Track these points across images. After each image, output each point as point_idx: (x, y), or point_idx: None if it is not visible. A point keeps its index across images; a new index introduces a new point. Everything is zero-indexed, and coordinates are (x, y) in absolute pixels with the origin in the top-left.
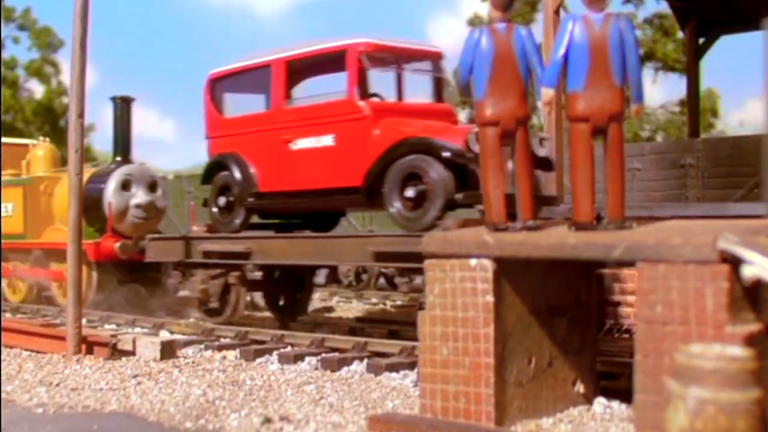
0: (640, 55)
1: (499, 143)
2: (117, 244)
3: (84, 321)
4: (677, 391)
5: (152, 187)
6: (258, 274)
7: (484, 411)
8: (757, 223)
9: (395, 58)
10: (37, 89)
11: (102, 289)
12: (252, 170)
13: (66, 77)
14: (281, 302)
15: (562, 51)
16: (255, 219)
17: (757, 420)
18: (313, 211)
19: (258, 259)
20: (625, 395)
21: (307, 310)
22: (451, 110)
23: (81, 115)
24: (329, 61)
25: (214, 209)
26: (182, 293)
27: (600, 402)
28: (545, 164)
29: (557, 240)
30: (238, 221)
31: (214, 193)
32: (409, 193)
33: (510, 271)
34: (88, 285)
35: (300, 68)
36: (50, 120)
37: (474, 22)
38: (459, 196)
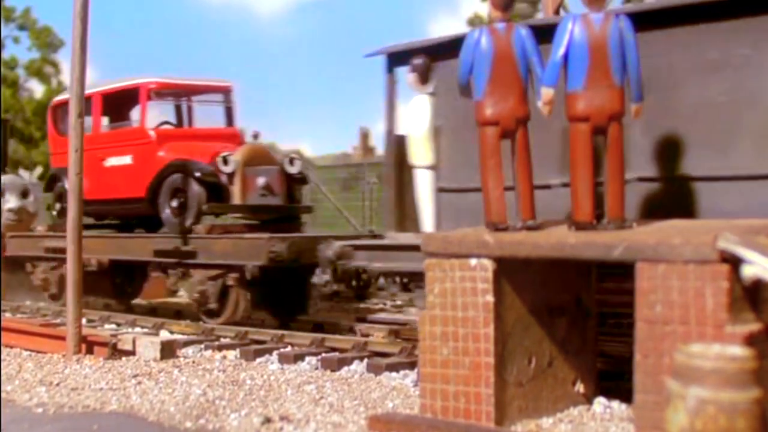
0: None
1: (498, 143)
2: None
3: (84, 321)
4: (677, 390)
5: (24, 194)
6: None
7: (484, 411)
8: (757, 223)
9: (184, 92)
10: (37, 89)
11: None
12: None
13: (66, 77)
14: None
15: (561, 50)
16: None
17: (757, 420)
18: (120, 216)
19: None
20: (625, 395)
21: (137, 295)
22: (237, 133)
23: (81, 115)
24: (129, 96)
25: (54, 213)
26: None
27: (600, 402)
28: (300, 180)
29: (557, 240)
30: None
31: (53, 200)
32: (174, 203)
33: (510, 271)
34: None
35: (111, 100)
36: None
37: (474, 22)
38: (205, 207)
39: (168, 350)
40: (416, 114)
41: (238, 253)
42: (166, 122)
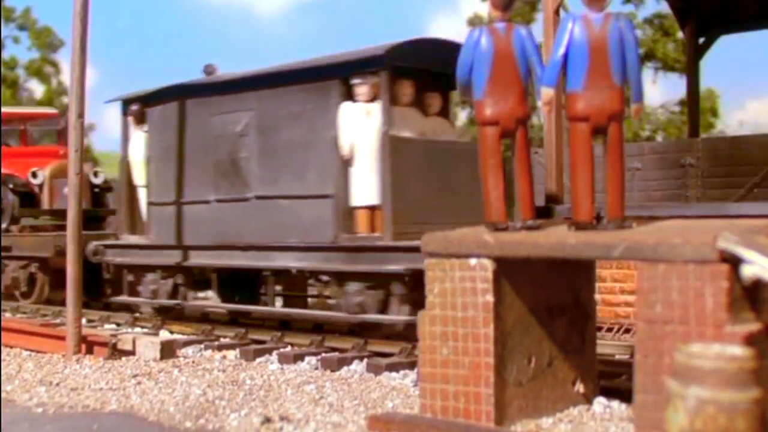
0: (640, 55)
1: (498, 143)
2: None
3: (84, 321)
4: (677, 390)
5: None
6: None
7: (484, 411)
8: (757, 223)
9: (20, 120)
10: (37, 89)
11: None
12: None
13: (66, 77)
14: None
15: (561, 50)
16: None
17: (757, 420)
18: None
19: None
20: (625, 395)
21: None
22: (58, 151)
23: (81, 115)
24: None
25: None
26: None
27: (600, 402)
28: (105, 189)
29: (557, 240)
30: None
31: None
32: None
33: (510, 271)
34: None
35: None
36: None
37: (474, 22)
38: (16, 211)
39: (168, 350)
40: (136, 146)
41: (38, 247)
42: (6, 143)
